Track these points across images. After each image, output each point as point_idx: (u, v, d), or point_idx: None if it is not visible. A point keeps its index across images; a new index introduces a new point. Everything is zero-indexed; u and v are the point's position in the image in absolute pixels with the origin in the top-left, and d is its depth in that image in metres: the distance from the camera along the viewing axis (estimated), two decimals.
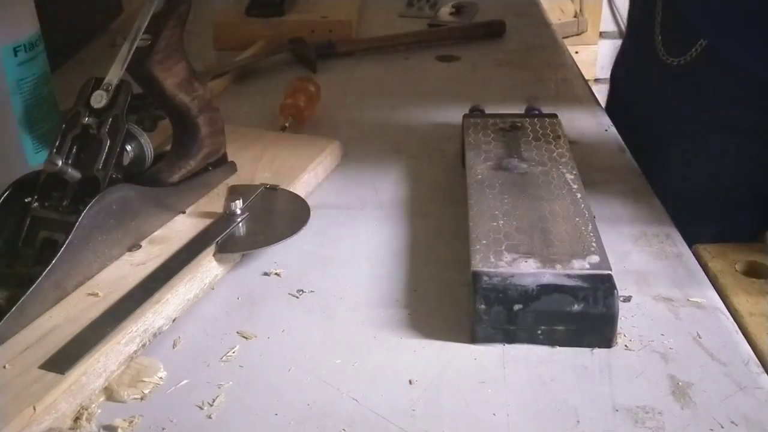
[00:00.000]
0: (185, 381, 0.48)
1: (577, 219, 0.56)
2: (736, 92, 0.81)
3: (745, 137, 0.82)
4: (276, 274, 0.58)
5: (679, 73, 0.84)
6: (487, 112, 0.78)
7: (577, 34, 2.35)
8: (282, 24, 1.07)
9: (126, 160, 0.59)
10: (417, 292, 0.56)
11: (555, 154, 0.66)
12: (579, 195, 0.59)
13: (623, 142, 0.78)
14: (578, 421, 0.44)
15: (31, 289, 0.49)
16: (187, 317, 0.54)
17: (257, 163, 0.70)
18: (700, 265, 0.59)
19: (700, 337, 0.51)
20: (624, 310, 0.53)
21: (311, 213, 0.63)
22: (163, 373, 0.49)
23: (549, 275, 0.50)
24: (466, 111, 0.78)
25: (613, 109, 0.92)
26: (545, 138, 0.69)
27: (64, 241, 0.51)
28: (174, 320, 0.53)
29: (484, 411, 0.45)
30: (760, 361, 0.49)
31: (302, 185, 0.68)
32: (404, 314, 0.54)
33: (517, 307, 0.49)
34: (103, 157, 0.56)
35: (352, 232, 0.64)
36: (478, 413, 0.45)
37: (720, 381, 0.47)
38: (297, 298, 0.56)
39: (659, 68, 0.86)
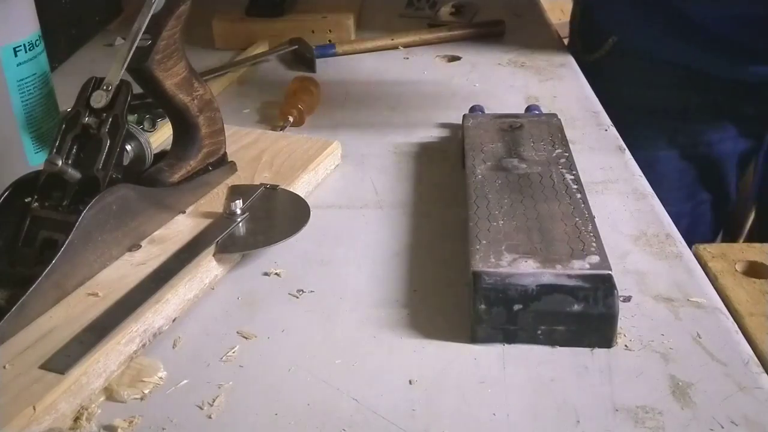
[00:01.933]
0: (185, 381, 0.48)
1: (577, 219, 0.56)
2: (646, 76, 0.98)
3: (661, 115, 0.97)
4: (276, 274, 0.58)
5: (596, 67, 1.00)
6: (487, 112, 0.78)
7: None
8: (282, 24, 1.07)
9: (126, 160, 0.59)
10: (417, 292, 0.56)
11: (555, 154, 0.66)
12: (579, 195, 0.59)
13: (623, 143, 0.78)
14: (578, 421, 0.44)
15: (31, 289, 0.49)
16: (187, 317, 0.54)
17: (257, 163, 0.70)
18: (700, 265, 0.59)
19: (700, 337, 0.51)
20: (624, 310, 0.53)
21: (311, 213, 0.63)
22: (163, 373, 0.49)
23: (549, 275, 0.50)
24: (466, 111, 0.79)
25: None
26: (545, 138, 0.69)
27: (64, 241, 0.51)
28: (174, 320, 0.53)
29: (484, 411, 0.45)
30: (760, 361, 0.49)
31: (302, 185, 0.68)
32: (404, 314, 0.54)
33: (517, 307, 0.49)
34: (103, 157, 0.56)
35: (352, 232, 0.64)
36: (478, 413, 0.45)
37: (720, 381, 0.47)
38: (297, 298, 0.56)
39: (581, 67, 1.00)
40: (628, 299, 0.54)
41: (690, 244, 0.62)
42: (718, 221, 1.08)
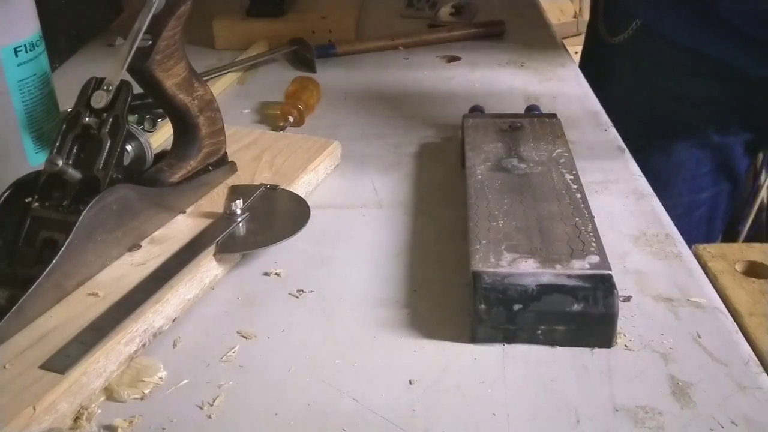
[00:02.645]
0: (185, 381, 0.48)
1: (577, 219, 0.56)
2: (668, 62, 0.96)
3: (680, 102, 0.96)
4: (276, 274, 0.58)
5: (619, 50, 1.00)
6: (487, 112, 0.78)
7: (577, 35, 2.35)
8: (282, 24, 1.07)
9: (126, 160, 0.59)
10: (417, 292, 0.56)
11: (555, 154, 0.66)
12: (579, 195, 0.59)
13: (623, 142, 0.78)
14: (578, 421, 0.44)
15: (31, 289, 0.49)
16: (187, 317, 0.54)
17: (257, 163, 0.70)
18: (700, 265, 0.59)
19: (699, 337, 0.51)
20: (624, 310, 0.53)
21: (311, 213, 0.63)
22: (163, 373, 0.49)
23: (549, 275, 0.50)
24: (466, 111, 0.79)
25: None
26: (545, 138, 0.69)
27: (65, 241, 0.51)
28: (174, 320, 0.53)
29: (484, 411, 0.45)
30: (760, 361, 0.49)
31: (302, 185, 0.68)
32: (404, 314, 0.54)
33: (517, 307, 0.49)
34: (104, 157, 0.56)
35: (352, 232, 0.64)
36: (478, 413, 0.45)
37: (720, 381, 0.47)
38: (297, 298, 0.56)
39: (604, 48, 1.01)
40: (627, 299, 0.54)
41: (705, 235, 0.62)
42: (731, 211, 1.08)
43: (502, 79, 0.95)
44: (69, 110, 0.57)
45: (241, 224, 0.60)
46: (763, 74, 0.90)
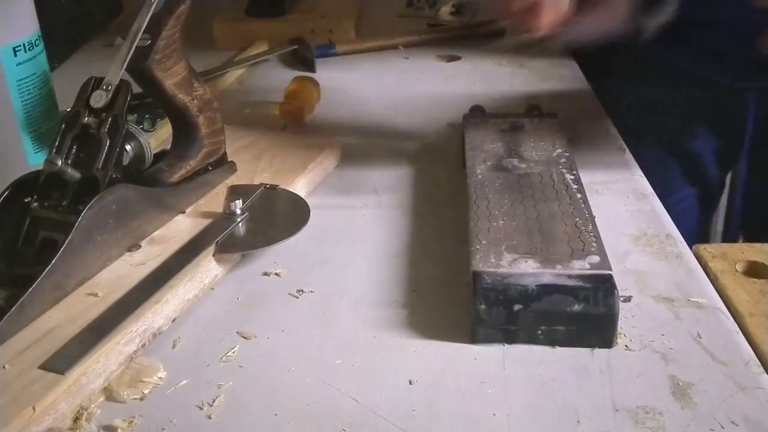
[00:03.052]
0: (185, 381, 0.48)
1: (577, 219, 0.56)
2: (635, 71, 0.97)
3: (648, 109, 0.98)
4: (276, 274, 0.58)
5: (588, 58, 0.99)
6: (487, 111, 0.78)
7: None
8: (281, 23, 1.07)
9: (125, 160, 0.59)
10: (417, 292, 0.56)
11: (555, 154, 0.66)
12: (579, 195, 0.59)
13: (623, 143, 0.78)
14: (578, 421, 0.44)
15: (30, 289, 0.49)
16: (187, 317, 0.54)
17: (257, 163, 0.70)
18: (701, 265, 0.59)
19: (700, 338, 0.51)
20: (624, 311, 0.53)
21: (311, 213, 0.63)
22: (162, 374, 0.48)
23: (549, 275, 0.50)
24: (467, 111, 0.79)
25: None
26: (545, 138, 0.69)
27: (64, 241, 0.51)
28: (174, 320, 0.53)
29: (484, 411, 0.45)
30: (760, 362, 0.49)
31: (302, 185, 0.68)
32: (404, 314, 0.54)
33: (517, 307, 0.49)
34: (103, 156, 0.56)
35: (352, 232, 0.64)
36: (478, 413, 0.45)
37: (720, 381, 0.47)
38: (297, 298, 0.56)
39: (574, 57, 1.01)
40: (628, 299, 0.54)
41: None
42: (704, 218, 1.08)
43: (502, 79, 0.95)
44: (68, 110, 0.57)
45: (240, 224, 0.60)
46: (722, 82, 0.92)
